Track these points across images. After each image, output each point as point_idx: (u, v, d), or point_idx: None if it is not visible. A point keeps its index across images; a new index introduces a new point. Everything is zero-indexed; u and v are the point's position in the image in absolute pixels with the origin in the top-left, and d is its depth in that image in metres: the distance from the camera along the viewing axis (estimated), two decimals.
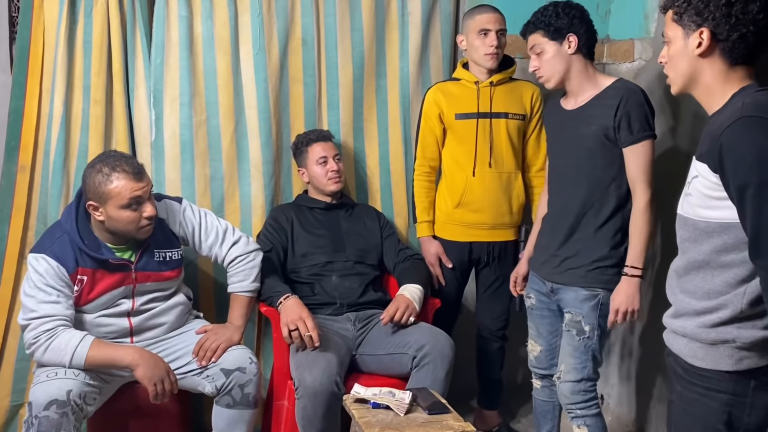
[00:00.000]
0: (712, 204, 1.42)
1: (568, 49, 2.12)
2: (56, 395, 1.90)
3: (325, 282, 2.50)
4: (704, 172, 1.42)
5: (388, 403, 1.92)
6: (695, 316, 1.48)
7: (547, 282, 2.22)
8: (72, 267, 2.06)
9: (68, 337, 1.99)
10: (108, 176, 2.03)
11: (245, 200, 2.67)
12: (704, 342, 1.46)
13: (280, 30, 2.63)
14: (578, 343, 2.12)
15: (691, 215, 1.48)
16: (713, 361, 1.45)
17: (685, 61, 1.49)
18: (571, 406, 2.17)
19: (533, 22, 2.16)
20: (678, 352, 1.53)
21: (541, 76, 2.18)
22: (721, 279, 1.43)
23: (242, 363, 2.16)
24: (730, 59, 1.44)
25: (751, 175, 1.31)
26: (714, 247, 1.43)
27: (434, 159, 2.64)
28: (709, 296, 1.45)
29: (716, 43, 1.44)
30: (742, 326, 1.42)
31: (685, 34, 1.48)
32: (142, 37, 2.51)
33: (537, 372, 2.38)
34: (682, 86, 1.53)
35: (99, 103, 2.48)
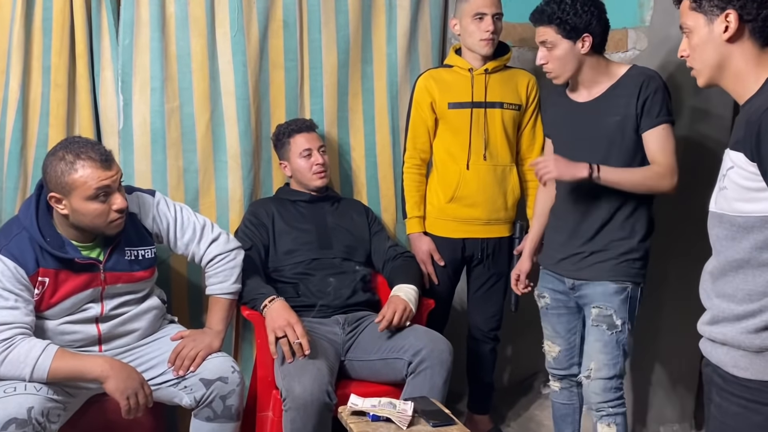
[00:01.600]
0: (751, 196, 1.31)
1: (581, 49, 2.02)
2: (15, 413, 1.70)
3: (310, 281, 2.34)
4: (740, 162, 1.32)
5: (389, 415, 1.76)
6: (736, 321, 1.36)
7: (567, 279, 2.14)
8: (32, 268, 1.85)
9: (28, 347, 1.79)
10: (72, 164, 1.83)
11: (222, 194, 2.50)
12: (748, 350, 1.35)
13: (259, 10, 2.47)
14: (609, 338, 2.06)
15: (727, 211, 1.37)
16: (759, 371, 1.34)
17: (712, 49, 1.40)
18: (602, 405, 2.09)
19: (549, 14, 2.01)
20: (718, 361, 1.41)
21: (550, 71, 2.08)
22: (764, 278, 1.33)
23: (224, 372, 1.99)
24: (762, 40, 1.36)
25: None
26: (755, 244, 1.32)
27: (425, 151, 2.51)
28: (751, 299, 1.34)
29: (744, 24, 1.35)
30: None
31: (707, 21, 1.39)
32: (108, 15, 2.34)
33: (556, 374, 2.29)
34: (709, 77, 1.43)
35: (60, 87, 2.30)
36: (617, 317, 2.05)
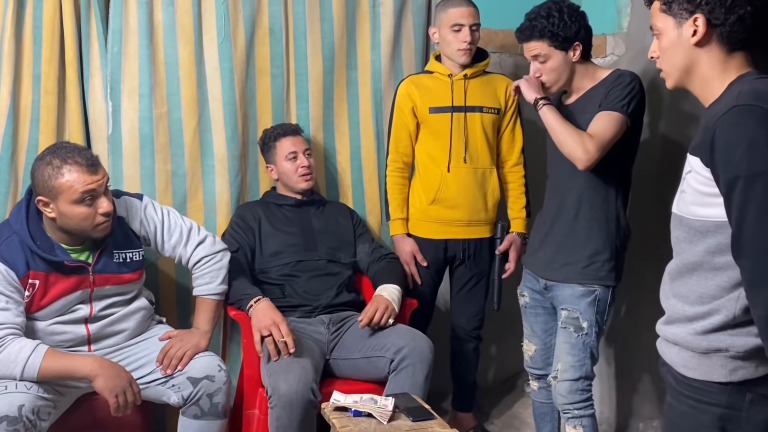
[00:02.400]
0: (706, 201, 1.32)
1: (573, 57, 2.07)
2: (6, 411, 1.74)
3: (296, 283, 2.39)
4: (697, 167, 1.33)
5: (370, 410, 1.82)
6: (687, 322, 1.39)
7: (540, 279, 2.18)
8: (22, 270, 1.90)
9: (19, 347, 1.83)
10: (59, 169, 1.88)
11: (209, 198, 2.55)
12: (696, 351, 1.37)
13: (246, 18, 2.52)
14: (576, 340, 2.09)
15: (686, 214, 1.39)
16: (705, 372, 1.36)
17: (680, 52, 1.39)
18: (568, 406, 2.12)
19: (540, 29, 2.04)
20: (670, 361, 1.44)
21: (545, 82, 2.12)
22: (715, 282, 1.34)
23: (211, 371, 2.04)
24: (729, 45, 1.36)
25: (741, 166, 1.22)
26: (708, 248, 1.34)
27: (407, 154, 2.57)
28: (702, 301, 1.36)
29: (712, 29, 1.35)
30: (735, 333, 1.32)
31: (677, 24, 1.38)
32: (97, 23, 2.38)
33: (533, 373, 2.34)
34: (677, 79, 1.43)
35: (50, 94, 2.34)
36: (583, 320, 2.07)
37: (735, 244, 1.26)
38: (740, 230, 1.24)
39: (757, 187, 1.21)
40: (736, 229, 1.25)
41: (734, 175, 1.23)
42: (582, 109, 2.10)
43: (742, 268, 1.26)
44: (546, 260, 2.16)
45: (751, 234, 1.23)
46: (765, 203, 1.21)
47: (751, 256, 1.24)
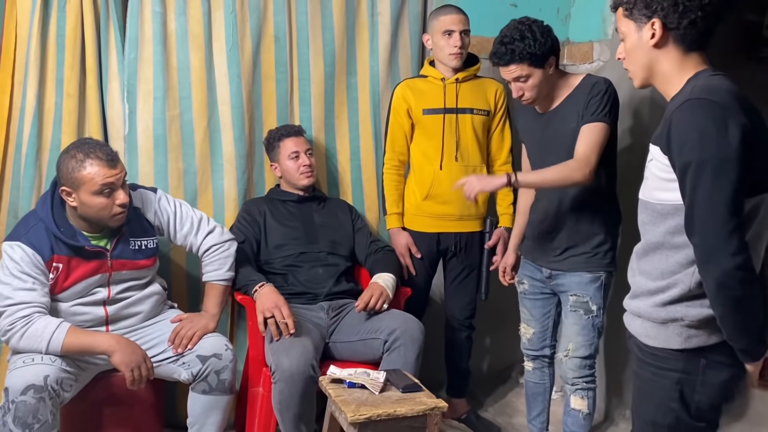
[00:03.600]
0: (666, 186, 1.46)
1: (549, 71, 2.20)
2: (33, 380, 1.91)
3: (298, 272, 2.55)
4: (657, 155, 1.47)
5: (363, 382, 1.98)
6: (649, 295, 1.52)
7: (544, 269, 2.34)
8: (47, 254, 2.07)
9: (44, 323, 2.00)
10: (81, 162, 2.06)
11: (218, 194, 2.71)
12: (656, 321, 1.51)
13: (253, 27, 2.69)
14: (586, 321, 2.26)
15: (649, 198, 1.53)
16: (664, 340, 1.50)
17: (642, 53, 1.53)
18: (577, 380, 2.31)
19: (518, 53, 2.12)
20: (634, 332, 1.58)
21: (527, 99, 2.22)
22: (674, 260, 1.48)
23: (218, 349, 2.20)
24: (684, 46, 1.49)
25: (693, 153, 1.36)
26: (668, 229, 1.47)
27: (403, 153, 2.73)
28: (662, 276, 1.50)
29: (668, 32, 1.49)
30: (690, 305, 1.46)
31: (637, 28, 1.52)
32: (115, 32, 2.54)
33: (529, 354, 2.49)
34: (642, 78, 1.57)
35: (72, 97, 2.50)
36: (593, 303, 2.25)
37: (687, 223, 1.40)
38: (691, 210, 1.39)
39: (706, 171, 1.35)
40: (688, 209, 1.40)
41: (687, 160, 1.38)
42: (563, 118, 2.23)
43: (693, 244, 1.40)
44: (554, 254, 2.31)
45: (700, 213, 1.37)
46: (712, 186, 1.35)
47: (700, 234, 1.38)
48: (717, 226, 1.35)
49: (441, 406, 1.94)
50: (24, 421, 1.89)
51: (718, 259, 1.36)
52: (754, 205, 1.43)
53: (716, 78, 1.47)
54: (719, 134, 1.35)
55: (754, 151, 1.38)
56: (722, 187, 1.35)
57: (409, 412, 1.89)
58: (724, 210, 1.35)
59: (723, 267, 1.35)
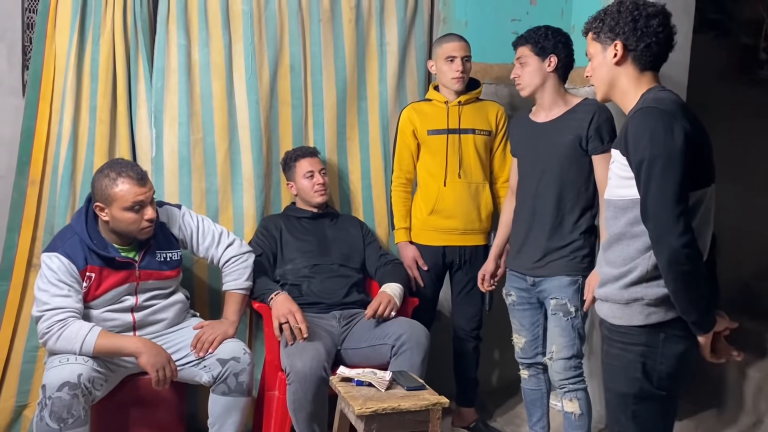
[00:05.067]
0: (625, 183, 1.68)
1: (548, 67, 2.42)
2: (68, 378, 2.08)
3: (312, 283, 2.71)
4: (617, 157, 1.70)
5: (371, 380, 2.12)
6: (614, 281, 1.73)
7: (528, 277, 2.48)
8: (81, 264, 2.26)
9: (78, 326, 2.18)
10: (114, 180, 2.25)
11: (238, 211, 2.89)
12: (620, 302, 1.71)
13: (270, 57, 2.89)
14: (566, 323, 2.39)
15: (612, 197, 1.76)
16: (628, 318, 1.70)
17: (605, 71, 1.78)
18: (563, 382, 2.42)
19: (525, 36, 2.45)
20: (604, 315, 1.78)
21: (519, 83, 2.48)
22: (634, 247, 1.69)
23: (237, 353, 2.35)
24: (640, 65, 1.74)
25: (646, 151, 1.59)
26: (628, 220, 1.69)
27: (410, 171, 2.89)
28: (624, 263, 1.71)
29: (628, 52, 1.74)
30: (648, 285, 1.66)
31: (603, 49, 1.78)
32: (144, 63, 2.74)
33: (523, 362, 2.61)
34: (604, 92, 1.82)
35: (104, 123, 2.70)
36: (571, 305, 2.38)
37: (643, 211, 1.63)
38: (645, 199, 1.61)
39: (656, 166, 1.58)
40: (642, 199, 1.62)
41: (641, 158, 1.61)
42: (561, 130, 2.43)
43: (648, 229, 1.62)
44: (533, 261, 2.45)
45: (652, 202, 1.59)
46: (662, 178, 1.58)
47: (652, 219, 1.60)
48: (666, 211, 1.57)
49: (443, 402, 2.07)
50: (59, 416, 2.05)
51: (668, 239, 1.57)
52: (697, 198, 1.64)
53: (664, 92, 1.72)
54: (666, 135, 1.58)
55: (696, 151, 1.60)
56: (670, 179, 1.57)
57: (413, 407, 2.02)
58: (672, 198, 1.57)
59: (672, 246, 1.56)
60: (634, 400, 1.71)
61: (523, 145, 2.57)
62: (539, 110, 2.51)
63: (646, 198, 1.60)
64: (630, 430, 1.73)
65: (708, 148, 1.68)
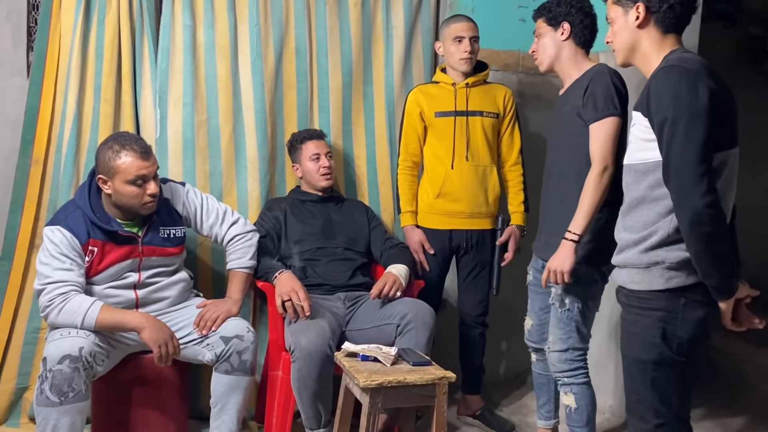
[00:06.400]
0: (646, 146, 1.65)
1: (561, 36, 2.31)
2: (70, 350, 2.05)
3: (316, 265, 2.68)
4: (638, 119, 1.66)
5: (376, 355, 2.09)
6: (634, 246, 1.69)
7: (539, 259, 2.41)
8: (84, 238, 2.23)
9: (80, 300, 2.15)
10: (118, 153, 2.23)
11: (242, 194, 2.87)
12: (640, 267, 1.67)
13: (275, 39, 2.88)
14: (561, 315, 2.29)
15: (632, 161, 1.72)
16: (648, 283, 1.66)
17: (627, 34, 1.75)
18: (558, 375, 2.33)
19: (540, 8, 2.36)
20: (622, 282, 1.74)
21: (536, 58, 2.40)
22: (654, 210, 1.65)
23: (240, 331, 2.32)
24: (663, 27, 1.71)
25: (668, 110, 1.55)
26: (649, 184, 1.66)
27: (416, 155, 2.87)
28: (644, 227, 1.67)
29: (650, 14, 1.71)
30: (669, 249, 1.62)
31: (624, 12, 1.75)
32: (149, 44, 2.74)
33: (531, 345, 2.55)
34: (625, 56, 1.78)
35: (109, 103, 2.69)
36: (565, 296, 2.25)
37: (665, 171, 1.58)
38: (668, 160, 1.57)
39: (679, 125, 1.54)
40: (665, 159, 1.58)
41: (663, 117, 1.57)
42: (565, 101, 2.32)
43: (670, 190, 1.58)
44: (542, 242, 2.39)
45: (675, 162, 1.55)
46: (685, 137, 1.54)
47: (675, 179, 1.56)
48: (689, 170, 1.53)
49: (449, 376, 2.03)
50: (60, 389, 2.02)
51: (691, 199, 1.52)
52: (721, 160, 1.60)
53: (688, 53, 1.68)
54: (690, 93, 1.55)
55: (720, 111, 1.56)
56: (693, 138, 1.53)
57: (419, 381, 1.98)
58: (695, 157, 1.53)
59: (695, 206, 1.52)
60: (653, 366, 1.66)
61: (549, 122, 2.50)
62: (563, 83, 2.40)
63: (669, 157, 1.56)
64: (649, 398, 1.68)
65: (733, 110, 1.64)
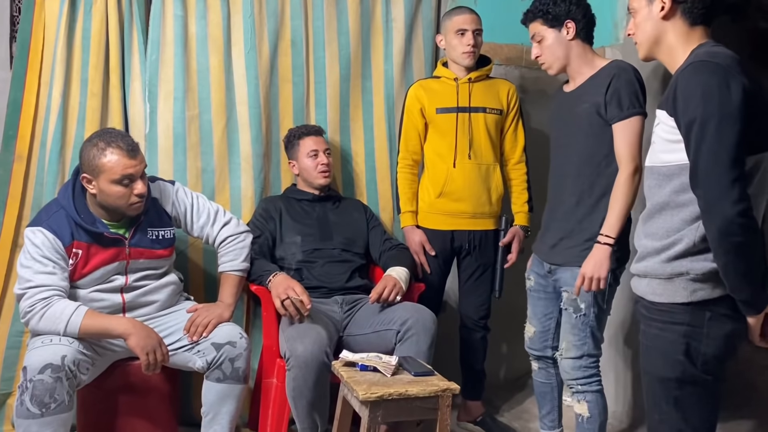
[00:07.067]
0: (671, 148, 1.53)
1: (567, 35, 2.21)
2: (51, 359, 1.94)
3: (312, 268, 2.58)
4: (663, 118, 1.54)
5: (376, 365, 1.98)
6: (655, 254, 1.57)
7: (545, 263, 2.31)
8: (68, 240, 2.12)
9: (63, 306, 2.04)
10: (103, 150, 2.11)
11: (235, 192, 2.76)
12: (662, 277, 1.55)
13: (270, 31, 2.77)
14: (576, 320, 2.20)
15: (655, 163, 1.60)
16: (670, 295, 1.54)
17: (651, 26, 1.62)
18: (572, 382, 2.24)
19: (532, 10, 2.23)
20: (641, 292, 1.62)
21: (543, 63, 2.27)
22: (679, 217, 1.54)
23: (233, 337, 2.21)
24: (690, 19, 1.58)
25: (698, 110, 1.43)
26: (673, 188, 1.54)
27: (417, 152, 2.76)
28: (668, 234, 1.55)
29: (677, 5, 1.58)
30: (695, 259, 1.51)
31: (648, 2, 1.62)
32: (138, 35, 2.63)
33: (532, 353, 2.45)
34: (648, 49, 1.66)
35: (96, 96, 2.58)
36: (581, 301, 2.17)
37: (692, 176, 1.46)
38: (696, 164, 1.45)
39: (709, 126, 1.42)
40: (693, 163, 1.46)
41: (692, 117, 1.45)
42: (580, 98, 2.21)
43: (697, 196, 1.46)
44: (550, 245, 2.29)
45: (704, 166, 1.43)
46: (715, 140, 1.42)
47: (704, 185, 1.44)
48: (720, 176, 1.41)
49: (453, 388, 1.93)
50: (41, 400, 1.91)
51: (721, 207, 1.41)
52: (754, 164, 1.48)
53: (718, 47, 1.55)
54: (721, 92, 1.42)
55: (754, 111, 1.44)
56: (725, 141, 1.41)
57: (421, 393, 1.88)
58: (726, 161, 1.41)
59: (725, 214, 1.41)
60: (677, 384, 1.55)
61: (553, 119, 2.39)
62: (570, 80, 2.31)
63: (697, 161, 1.44)
64: (672, 418, 1.57)
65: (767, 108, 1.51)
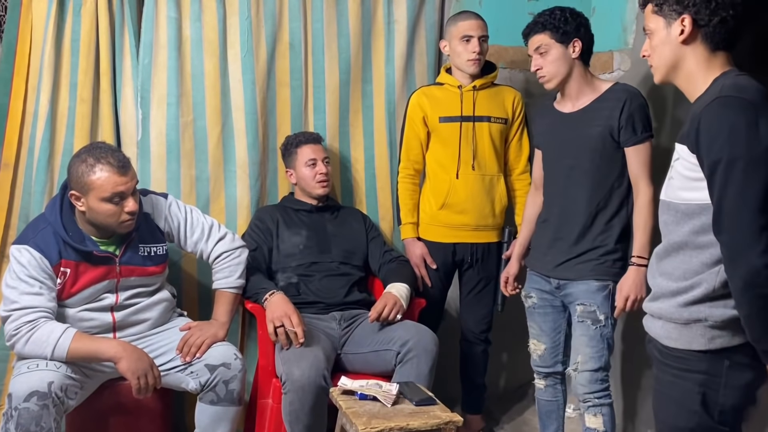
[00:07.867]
0: (692, 185, 1.45)
1: (572, 53, 2.20)
2: (37, 386, 1.87)
3: (310, 282, 2.50)
4: (684, 154, 1.46)
5: (375, 394, 1.92)
6: (671, 296, 1.50)
7: (552, 279, 2.27)
8: (55, 259, 2.04)
9: (50, 328, 1.97)
10: (92, 167, 2.02)
11: (231, 201, 2.68)
12: (678, 322, 1.48)
13: (267, 33, 2.68)
14: (594, 332, 2.18)
15: (673, 198, 1.52)
16: (687, 341, 1.47)
17: (669, 50, 1.52)
18: (588, 396, 2.21)
19: (542, 22, 2.22)
20: (655, 335, 1.55)
21: (543, 75, 2.24)
22: (698, 260, 1.46)
23: (227, 359, 2.15)
24: (712, 44, 1.49)
25: (723, 151, 1.35)
26: (692, 228, 1.46)
27: (418, 162, 2.68)
28: (685, 276, 1.48)
29: (698, 29, 1.48)
30: (714, 305, 1.43)
31: (666, 24, 1.52)
32: (130, 37, 2.54)
33: (541, 371, 2.40)
34: (665, 74, 1.56)
35: (85, 102, 2.49)
36: (600, 312, 2.17)
37: (716, 220, 1.38)
38: (720, 208, 1.37)
39: (736, 169, 1.34)
40: (716, 207, 1.37)
41: (717, 158, 1.36)
42: (590, 121, 2.21)
43: (721, 242, 1.38)
44: (556, 263, 2.25)
45: (729, 211, 1.35)
46: (742, 183, 1.34)
47: (729, 231, 1.36)
48: (746, 223, 1.34)
49: (456, 420, 1.87)
50: (27, 429, 1.84)
51: (747, 257, 1.34)
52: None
53: (743, 78, 1.47)
54: (750, 132, 1.34)
55: None
56: (752, 185, 1.34)
57: (423, 426, 1.82)
58: (753, 208, 1.33)
59: (751, 265, 1.33)
60: None
61: (548, 136, 2.35)
62: (565, 100, 2.29)
63: (722, 205, 1.36)
64: None
65: None
